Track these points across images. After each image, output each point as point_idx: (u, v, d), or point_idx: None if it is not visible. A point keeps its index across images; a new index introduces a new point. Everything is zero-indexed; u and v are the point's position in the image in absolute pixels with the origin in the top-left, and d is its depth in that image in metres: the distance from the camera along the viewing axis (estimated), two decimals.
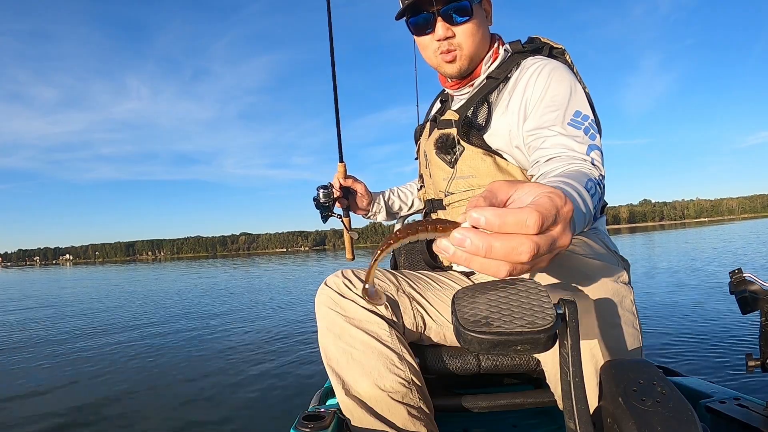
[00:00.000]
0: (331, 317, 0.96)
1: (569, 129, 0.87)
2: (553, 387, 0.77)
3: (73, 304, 10.04)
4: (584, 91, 0.99)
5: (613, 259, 0.76)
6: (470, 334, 0.47)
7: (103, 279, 22.25)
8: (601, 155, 0.84)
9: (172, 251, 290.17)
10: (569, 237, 0.47)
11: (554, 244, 0.45)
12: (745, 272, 0.87)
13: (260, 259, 41.21)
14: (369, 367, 0.91)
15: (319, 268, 20.05)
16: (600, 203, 0.72)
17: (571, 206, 0.47)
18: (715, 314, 4.02)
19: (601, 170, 0.80)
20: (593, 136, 0.86)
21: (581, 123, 0.88)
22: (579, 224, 0.58)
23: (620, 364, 0.57)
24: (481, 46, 1.05)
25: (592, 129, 0.87)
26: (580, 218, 0.59)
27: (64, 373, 3.91)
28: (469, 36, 1.02)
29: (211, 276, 18.85)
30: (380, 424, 0.89)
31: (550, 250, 0.45)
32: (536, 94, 0.95)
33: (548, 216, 0.43)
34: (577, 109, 0.90)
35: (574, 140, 0.84)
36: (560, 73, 0.97)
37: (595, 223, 1.07)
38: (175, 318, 6.78)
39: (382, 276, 1.06)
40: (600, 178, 0.75)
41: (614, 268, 0.72)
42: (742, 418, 0.86)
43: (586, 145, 0.83)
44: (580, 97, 0.93)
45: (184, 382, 3.41)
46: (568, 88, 0.94)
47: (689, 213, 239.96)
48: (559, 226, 0.45)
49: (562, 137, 0.85)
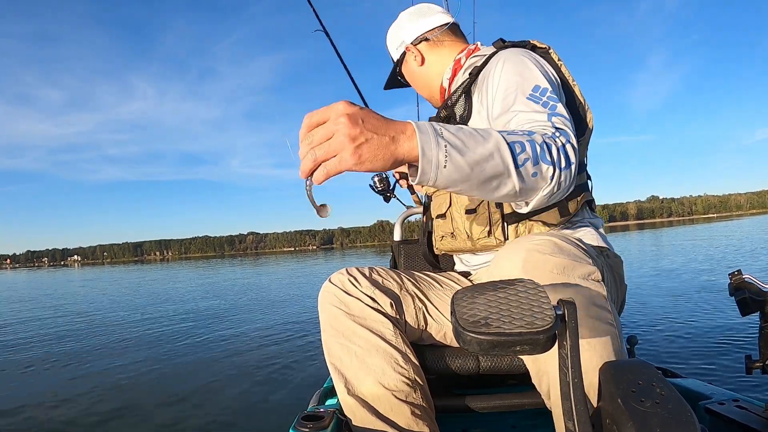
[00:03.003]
0: (335, 315, 0.96)
1: (529, 104, 0.87)
2: (539, 387, 0.77)
3: (88, 303, 10.04)
4: (553, 74, 0.98)
5: (583, 257, 0.76)
6: (469, 335, 0.47)
7: (112, 280, 22.25)
8: (565, 120, 0.83)
9: (180, 251, 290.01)
10: (381, 144, 0.60)
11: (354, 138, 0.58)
12: (745, 274, 0.87)
13: (268, 259, 41.16)
14: (373, 365, 0.91)
15: (327, 266, 20.07)
16: (553, 152, 0.72)
17: (390, 124, 0.62)
18: (714, 315, 4.02)
19: (564, 129, 0.80)
20: (553, 107, 0.86)
21: (539, 98, 0.88)
22: (453, 147, 0.64)
23: (619, 366, 0.57)
24: (426, 82, 1.24)
25: (551, 101, 0.87)
26: (434, 141, 0.63)
27: (66, 372, 3.91)
28: (414, 85, 1.29)
29: (219, 275, 18.85)
30: (382, 423, 0.88)
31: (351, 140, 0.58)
32: (496, 83, 0.97)
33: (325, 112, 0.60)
34: (535, 84, 0.90)
35: (536, 113, 0.85)
36: (515, 59, 0.97)
37: (585, 221, 1.05)
38: (175, 318, 6.79)
39: (385, 274, 1.06)
40: (556, 133, 0.76)
41: (583, 266, 0.73)
42: (741, 420, 0.86)
43: (545, 114, 0.83)
44: (535, 74, 0.93)
45: (183, 382, 3.41)
46: (522, 67, 0.95)
47: (697, 209, 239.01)
48: (356, 128, 0.59)
49: (523, 114, 0.85)
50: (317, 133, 0.60)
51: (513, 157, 0.67)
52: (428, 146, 0.62)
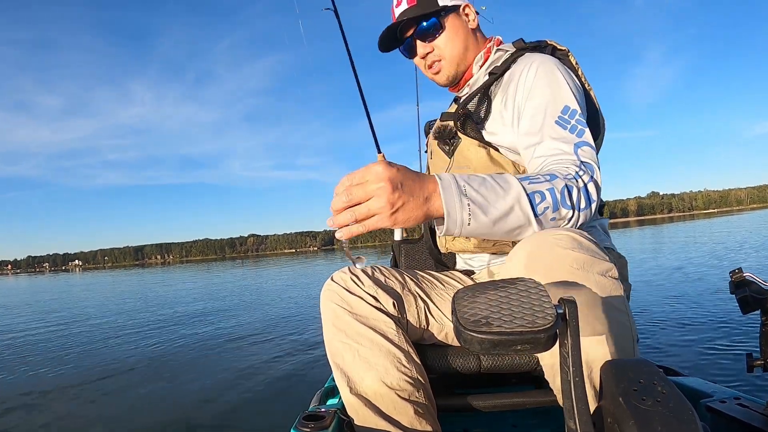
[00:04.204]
0: (337, 313, 0.96)
1: (557, 130, 0.89)
2: (552, 384, 0.77)
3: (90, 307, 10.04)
4: (580, 87, 0.99)
5: (601, 254, 0.75)
6: (470, 334, 0.47)
7: (114, 283, 22.25)
8: (590, 149, 0.87)
9: (181, 254, 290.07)
10: (415, 206, 0.65)
11: (390, 205, 0.63)
12: (745, 272, 0.87)
13: (269, 261, 41.15)
14: (376, 364, 0.91)
15: (329, 267, 20.07)
16: (573, 196, 0.76)
17: (423, 184, 0.66)
18: (715, 313, 4.02)
19: (590, 163, 0.83)
20: (581, 132, 0.88)
21: (568, 121, 0.90)
22: (476, 205, 0.69)
23: (620, 364, 0.57)
24: (464, 50, 1.13)
25: (579, 125, 0.89)
26: (459, 195, 0.68)
27: (66, 373, 3.91)
28: (446, 46, 1.11)
29: (220, 278, 18.84)
30: (385, 422, 0.88)
31: (389, 207, 0.63)
32: (526, 91, 0.97)
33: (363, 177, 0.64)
34: (565, 105, 0.92)
35: (562, 141, 0.87)
36: (547, 68, 0.97)
37: (593, 222, 1.07)
38: (175, 319, 6.79)
39: (388, 273, 1.06)
40: (579, 171, 0.79)
41: (601, 263, 0.72)
42: (742, 418, 0.86)
43: (572, 144, 0.86)
44: (565, 92, 0.94)
45: (183, 382, 3.41)
46: (554, 82, 0.95)
47: (698, 204, 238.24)
48: (395, 193, 0.63)
49: (551, 142, 0.89)
50: (356, 192, 0.64)
51: (533, 208, 0.72)
52: (453, 207, 0.67)
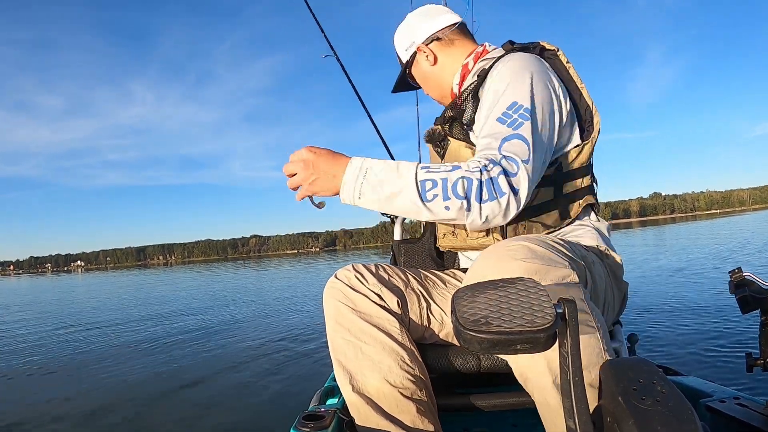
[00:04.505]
0: (340, 310, 0.96)
1: (495, 126, 0.89)
2: (524, 384, 0.75)
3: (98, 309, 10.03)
4: (557, 85, 0.97)
5: (558, 260, 0.75)
6: (470, 334, 0.47)
7: (117, 286, 22.24)
8: (521, 141, 0.85)
9: (183, 255, 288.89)
10: (326, 180, 0.87)
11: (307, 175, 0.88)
12: (745, 272, 0.87)
13: (271, 261, 41.13)
14: (379, 362, 0.90)
15: (331, 268, 20.06)
16: (469, 184, 0.79)
17: (335, 164, 0.87)
18: (715, 313, 4.02)
19: (512, 156, 0.83)
20: (519, 125, 0.86)
21: (510, 116, 0.88)
22: (365, 179, 0.85)
23: (620, 364, 0.57)
24: (439, 82, 1.21)
25: (521, 118, 0.87)
26: (356, 177, 0.86)
27: (66, 373, 3.92)
28: (424, 86, 1.26)
29: (222, 279, 18.85)
30: (388, 421, 0.88)
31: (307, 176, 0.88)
32: (488, 93, 0.98)
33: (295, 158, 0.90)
34: (514, 101, 0.90)
35: (492, 137, 0.87)
36: (512, 67, 0.96)
37: (586, 223, 1.04)
38: (175, 320, 6.79)
39: (391, 271, 1.05)
40: (489, 165, 0.81)
41: (557, 270, 0.72)
42: (742, 418, 0.86)
43: (500, 139, 0.85)
44: (521, 90, 0.91)
45: (184, 383, 3.42)
46: (514, 82, 0.93)
47: (700, 205, 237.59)
48: (308, 170, 0.88)
49: (483, 140, 0.90)
50: (288, 167, 0.91)
51: (419, 193, 0.81)
52: (348, 184, 0.86)
